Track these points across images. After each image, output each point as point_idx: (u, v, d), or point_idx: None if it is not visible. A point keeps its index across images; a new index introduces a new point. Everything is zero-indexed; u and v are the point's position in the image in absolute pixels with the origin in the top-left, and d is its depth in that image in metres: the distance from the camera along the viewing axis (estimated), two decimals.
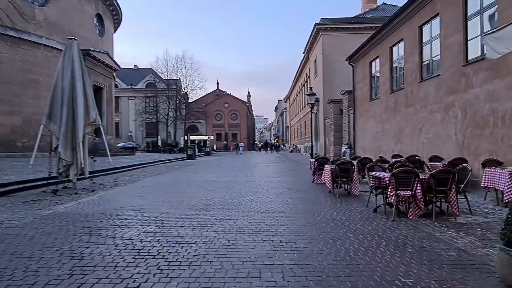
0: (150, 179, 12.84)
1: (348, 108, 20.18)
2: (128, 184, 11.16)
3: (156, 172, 15.79)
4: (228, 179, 12.45)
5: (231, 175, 14.26)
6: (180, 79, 50.60)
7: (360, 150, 18.30)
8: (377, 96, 15.93)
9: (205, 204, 7.35)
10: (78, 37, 24.49)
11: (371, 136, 16.55)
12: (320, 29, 26.61)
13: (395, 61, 13.96)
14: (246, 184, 11.01)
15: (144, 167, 19.28)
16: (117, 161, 21.01)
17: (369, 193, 8.21)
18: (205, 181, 11.78)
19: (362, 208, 6.92)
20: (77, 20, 24.60)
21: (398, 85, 13.69)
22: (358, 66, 18.33)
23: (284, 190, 9.59)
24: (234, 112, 78.07)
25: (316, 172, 11.02)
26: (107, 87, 29.36)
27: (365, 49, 16.76)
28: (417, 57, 11.86)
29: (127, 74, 71.88)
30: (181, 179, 12.58)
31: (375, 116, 15.98)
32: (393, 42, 13.91)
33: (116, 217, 6.08)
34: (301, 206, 7.10)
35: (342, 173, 8.38)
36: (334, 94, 25.18)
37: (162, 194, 8.85)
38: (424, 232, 5.00)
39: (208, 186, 10.51)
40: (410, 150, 12.31)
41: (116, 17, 32.26)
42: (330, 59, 26.48)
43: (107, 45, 29.71)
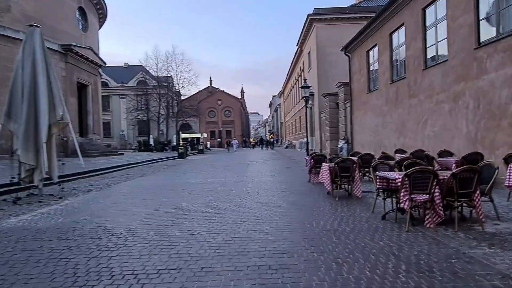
0: (131, 182, 11.74)
1: (345, 101, 19.18)
2: (105, 188, 10.06)
3: (140, 174, 14.69)
4: (217, 180, 11.40)
5: (221, 175, 13.20)
6: (171, 76, 49.25)
7: (358, 145, 17.32)
8: (375, 88, 14.92)
9: (184, 212, 6.28)
10: (59, 32, 23.28)
11: (370, 130, 15.56)
12: (313, 20, 25.53)
13: (395, 48, 12.95)
14: (235, 185, 9.96)
15: (130, 168, 18.15)
16: (102, 162, 19.88)
17: (374, 194, 7.23)
18: (191, 183, 10.72)
19: (367, 214, 5.91)
20: (57, 13, 23.24)
21: (399, 75, 12.69)
22: (355, 56, 17.31)
23: (277, 192, 8.56)
24: (227, 109, 76.87)
25: (312, 170, 10.01)
26: (93, 84, 28.09)
27: (362, 37, 15.73)
28: (421, 42, 10.84)
29: (118, 72, 70.30)
30: (165, 182, 11.49)
31: (374, 109, 14.99)
32: (392, 28, 12.88)
33: (72, 233, 5.00)
34: (296, 213, 6.06)
35: (342, 173, 7.36)
36: (329, 88, 24.18)
37: (138, 201, 7.77)
38: (450, 248, 3.99)
39: (193, 189, 9.45)
40: (414, 145, 11.33)
41: (101, 11, 30.85)
42: (324, 51, 25.44)
43: (92, 40, 28.38)
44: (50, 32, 22.59)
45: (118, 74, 69.44)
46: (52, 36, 22.72)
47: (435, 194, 4.85)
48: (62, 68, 23.66)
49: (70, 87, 24.19)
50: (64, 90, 23.64)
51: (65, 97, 24.03)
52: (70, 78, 24.27)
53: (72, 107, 24.34)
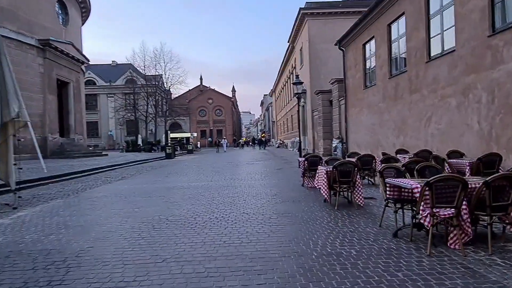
0: (106, 187, 10.59)
1: (339, 98, 18.24)
2: (72, 196, 8.90)
3: (120, 177, 13.53)
4: (201, 184, 10.32)
5: (207, 178, 12.13)
6: (161, 75, 47.79)
7: (354, 145, 16.40)
8: (372, 83, 14.00)
9: (154, 228, 5.21)
10: (36, 26, 21.83)
11: (366, 129, 14.63)
12: (305, 14, 24.55)
13: (395, 40, 12.02)
14: (221, 191, 8.91)
15: (111, 170, 16.94)
16: (82, 164, 18.61)
17: (378, 202, 6.28)
18: (171, 188, 9.62)
19: (374, 228, 4.91)
20: (34, 6, 21.82)
21: (399, 68, 11.76)
22: (350, 51, 16.37)
23: (267, 199, 7.52)
24: (218, 108, 75.62)
25: (306, 173, 9.01)
26: (74, 82, 26.69)
27: (358, 30, 14.79)
28: (423, 32, 9.91)
29: (106, 70, 68.58)
30: (144, 186, 10.37)
31: (370, 106, 14.06)
32: (391, 19, 11.95)
33: (3, 261, 3.90)
34: (289, 228, 5.04)
35: (342, 177, 6.36)
36: (322, 85, 23.29)
37: (105, 212, 6.66)
38: (491, 282, 3.01)
39: (173, 195, 8.36)
40: (416, 144, 10.42)
41: (84, 5, 29.42)
42: (317, 47, 24.49)
43: (74, 36, 26.95)
44: (26, 25, 21.26)
45: (106, 73, 67.71)
46: (29, 30, 21.38)
47: (462, 208, 3.88)
48: (40, 64, 22.30)
49: (49, 84, 22.82)
50: (42, 87, 22.35)
51: (43, 94, 22.70)
52: (49, 74, 22.89)
53: (51, 105, 23.03)
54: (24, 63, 21.01)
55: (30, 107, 21.34)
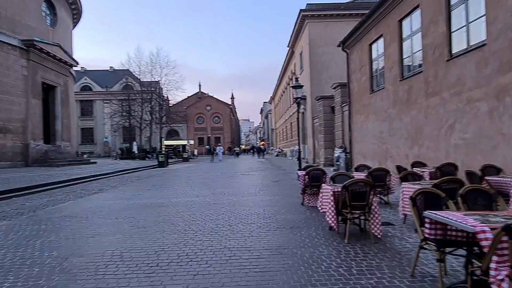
0: (75, 203, 9.08)
1: (342, 104, 16.85)
2: (26, 215, 7.40)
3: (97, 189, 12.04)
4: (184, 201, 8.84)
5: (194, 192, 10.64)
6: (158, 81, 46.41)
7: (358, 155, 14.95)
8: (380, 87, 12.61)
9: (92, 278, 3.72)
10: (19, 26, 20.52)
11: (373, 138, 13.20)
12: (306, 16, 23.31)
13: (407, 38, 10.65)
14: (205, 210, 7.43)
15: (92, 181, 15.45)
16: (63, 173, 17.15)
17: (404, 236, 4.84)
18: (147, 206, 8.14)
19: (406, 281, 3.43)
20: (17, 4, 20.53)
21: (412, 69, 10.38)
22: (354, 52, 15.02)
23: (258, 224, 6.04)
24: (216, 115, 74.38)
25: (307, 190, 7.54)
26: (62, 86, 25.31)
27: (364, 29, 13.46)
28: (443, 25, 8.55)
29: (103, 76, 67.47)
30: (117, 203, 8.87)
31: (378, 112, 12.65)
32: (403, 13, 10.61)
33: None
34: (285, 279, 3.55)
35: (354, 200, 4.89)
36: (323, 91, 21.97)
37: (43, 243, 5.16)
38: None
39: (145, 217, 6.88)
40: (434, 156, 8.98)
41: (74, 6, 28.20)
42: (318, 51, 23.20)
43: (62, 37, 25.66)
44: (9, 24, 19.98)
45: (103, 78, 66.58)
46: (11, 29, 20.09)
47: None
48: (23, 66, 20.97)
49: (32, 87, 21.46)
50: (25, 91, 20.98)
51: (26, 98, 21.30)
52: (33, 77, 21.53)
53: (34, 110, 21.63)
54: (4, 65, 19.67)
55: (11, 111, 19.99)
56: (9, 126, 19.88)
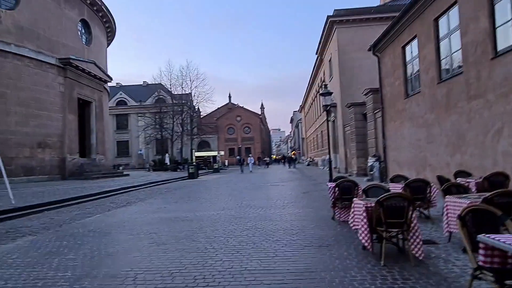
0: (101, 217, 9.05)
1: (374, 111, 16.06)
2: (52, 229, 7.40)
3: (126, 202, 12.07)
4: (209, 214, 8.55)
5: (220, 205, 10.35)
6: (190, 94, 47.23)
7: (394, 164, 14.08)
8: (415, 91, 11.82)
9: None
10: (57, 45, 21.56)
11: (410, 145, 12.36)
12: (334, 22, 22.77)
13: (444, 37, 9.89)
14: (229, 225, 7.08)
15: (123, 193, 15.63)
16: (96, 185, 17.55)
17: (450, 257, 4.23)
18: (171, 220, 7.92)
19: None
20: (55, 25, 21.64)
21: (451, 70, 9.58)
22: (386, 56, 14.29)
23: (285, 241, 5.59)
24: (247, 125, 74.60)
25: (337, 204, 6.99)
26: (97, 101, 26.26)
27: (395, 31, 12.77)
28: (485, 20, 7.79)
29: (137, 90, 70.04)
30: (142, 217, 8.74)
31: (414, 118, 11.84)
32: (439, 11, 9.88)
33: None
34: None
35: (391, 217, 4.34)
36: (354, 97, 21.19)
37: (44, 267, 5.01)
38: None
39: (167, 232, 6.64)
40: (480, 164, 8.13)
41: (108, 24, 29.42)
42: (347, 57, 22.52)
43: (97, 55, 26.75)
44: (47, 44, 21.02)
45: (137, 93, 69.06)
46: (49, 49, 21.12)
47: None
48: (61, 83, 21.93)
49: (69, 103, 22.36)
50: (62, 107, 21.87)
51: (63, 114, 22.22)
52: (69, 93, 22.47)
53: (71, 125, 22.48)
54: (43, 83, 20.65)
55: (49, 127, 20.88)
56: (48, 141, 20.75)
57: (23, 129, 19.25)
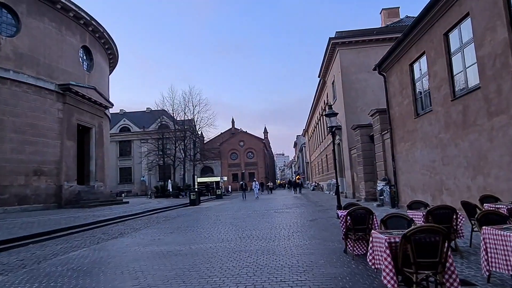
0: (83, 252, 8.18)
1: (382, 132, 15.34)
2: (11, 272, 6.55)
3: (119, 232, 11.20)
4: (207, 248, 7.68)
5: (219, 236, 9.46)
6: (193, 119, 46.95)
7: (406, 188, 13.19)
8: (427, 110, 11.13)
9: None
10: (56, 71, 21.30)
11: (423, 167, 11.53)
12: (336, 44, 22.52)
13: (456, 51, 9.29)
14: (227, 261, 6.20)
15: (119, 222, 14.76)
16: (94, 213, 16.73)
17: None
18: (163, 255, 7.04)
19: None
20: (55, 51, 21.52)
21: (467, 86, 8.90)
22: (393, 74, 13.73)
23: (291, 283, 4.72)
24: (250, 150, 73.99)
25: (350, 235, 6.13)
26: (97, 127, 25.82)
27: (401, 48, 12.26)
28: (503, 31, 7.19)
29: (140, 117, 70.17)
30: (131, 251, 7.86)
31: (427, 138, 11.08)
32: (449, 25, 9.34)
33: None
34: None
35: (421, 256, 3.51)
36: (359, 119, 20.58)
37: None
38: None
39: (156, 270, 5.78)
40: (507, 188, 7.28)
41: (110, 51, 29.48)
42: (351, 78, 22.10)
43: (98, 81, 26.58)
44: (47, 70, 20.81)
45: (140, 119, 69.15)
46: (49, 75, 20.90)
47: None
48: (59, 109, 21.55)
49: (67, 129, 21.89)
50: (61, 133, 21.37)
51: (61, 140, 21.66)
52: (68, 119, 22.04)
53: (69, 151, 21.89)
54: (41, 109, 20.28)
55: (46, 153, 20.28)
56: (44, 168, 20.11)
57: (18, 156, 18.66)
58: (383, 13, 28.31)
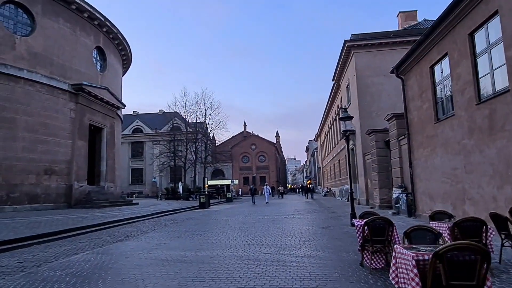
0: (85, 255, 7.89)
1: (399, 137, 14.75)
2: (9, 275, 6.27)
3: (126, 235, 10.91)
4: (213, 254, 7.29)
5: (227, 242, 9.06)
6: (205, 122, 46.77)
7: (424, 196, 12.57)
8: (448, 114, 10.54)
9: None
10: (70, 71, 21.34)
11: (443, 175, 10.92)
12: (351, 47, 21.99)
13: (482, 52, 8.72)
14: (234, 271, 5.80)
15: (126, 224, 14.52)
16: (102, 214, 16.57)
17: None
18: (168, 262, 6.68)
19: None
20: (69, 52, 21.59)
21: (494, 89, 8.32)
22: (411, 77, 13.16)
23: None
24: (261, 154, 73.60)
25: (367, 247, 5.66)
26: (109, 127, 25.83)
27: (422, 50, 11.71)
28: None
29: (153, 118, 70.56)
30: (134, 255, 7.54)
31: (448, 144, 10.49)
32: (475, 24, 8.79)
33: None
34: None
35: (455, 278, 3.04)
36: (374, 124, 20.02)
37: None
38: None
39: (158, 279, 5.43)
40: None
41: (124, 52, 29.56)
42: (366, 82, 21.52)
43: (111, 81, 26.62)
44: (60, 70, 20.88)
45: (153, 121, 69.53)
46: (62, 74, 20.97)
47: None
48: (72, 109, 21.59)
49: (79, 129, 21.89)
50: (72, 133, 21.39)
51: (72, 140, 21.67)
52: (80, 119, 22.06)
53: (80, 151, 21.88)
54: (54, 108, 20.33)
55: (57, 153, 20.28)
56: (55, 167, 20.11)
57: (30, 155, 18.68)
58: (400, 16, 27.68)
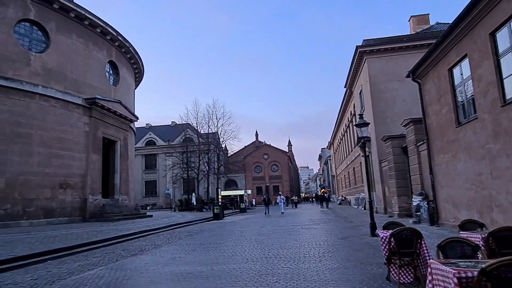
0: (98, 271, 7.70)
1: (417, 143, 14.30)
2: None
3: (138, 250, 10.72)
4: (229, 269, 7.00)
5: (243, 255, 8.76)
6: (217, 133, 46.76)
7: (446, 203, 12.05)
8: (471, 118, 10.11)
9: None
10: (83, 86, 21.56)
11: (467, 181, 10.43)
12: (364, 53, 21.69)
13: (505, 52, 8.34)
14: (252, 287, 5.50)
15: (141, 237, 14.37)
16: (117, 227, 16.51)
17: None
18: (183, 277, 6.43)
19: None
20: (82, 66, 21.90)
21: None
22: (429, 81, 12.78)
23: None
24: (274, 163, 73.17)
25: (394, 260, 5.30)
26: (122, 140, 25.98)
27: (439, 52, 11.35)
28: None
29: (166, 130, 71.11)
30: (149, 271, 7.31)
31: (471, 149, 10.03)
32: (496, 23, 8.44)
33: None
34: None
35: None
36: (389, 130, 19.56)
37: None
38: None
39: None
40: None
41: (136, 65, 29.91)
42: (380, 87, 21.13)
43: (124, 95, 26.88)
44: (74, 85, 21.15)
45: (166, 133, 70.05)
46: (76, 89, 21.22)
47: None
48: (86, 123, 21.77)
49: (93, 143, 22.04)
50: (86, 146, 21.52)
51: (86, 153, 21.81)
52: (94, 133, 22.23)
53: (94, 165, 21.98)
54: (68, 123, 20.53)
55: (72, 167, 20.40)
56: (70, 181, 20.22)
57: (45, 170, 18.83)
58: (412, 21, 27.28)
